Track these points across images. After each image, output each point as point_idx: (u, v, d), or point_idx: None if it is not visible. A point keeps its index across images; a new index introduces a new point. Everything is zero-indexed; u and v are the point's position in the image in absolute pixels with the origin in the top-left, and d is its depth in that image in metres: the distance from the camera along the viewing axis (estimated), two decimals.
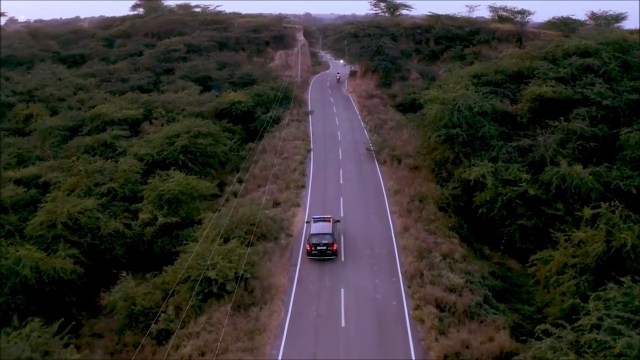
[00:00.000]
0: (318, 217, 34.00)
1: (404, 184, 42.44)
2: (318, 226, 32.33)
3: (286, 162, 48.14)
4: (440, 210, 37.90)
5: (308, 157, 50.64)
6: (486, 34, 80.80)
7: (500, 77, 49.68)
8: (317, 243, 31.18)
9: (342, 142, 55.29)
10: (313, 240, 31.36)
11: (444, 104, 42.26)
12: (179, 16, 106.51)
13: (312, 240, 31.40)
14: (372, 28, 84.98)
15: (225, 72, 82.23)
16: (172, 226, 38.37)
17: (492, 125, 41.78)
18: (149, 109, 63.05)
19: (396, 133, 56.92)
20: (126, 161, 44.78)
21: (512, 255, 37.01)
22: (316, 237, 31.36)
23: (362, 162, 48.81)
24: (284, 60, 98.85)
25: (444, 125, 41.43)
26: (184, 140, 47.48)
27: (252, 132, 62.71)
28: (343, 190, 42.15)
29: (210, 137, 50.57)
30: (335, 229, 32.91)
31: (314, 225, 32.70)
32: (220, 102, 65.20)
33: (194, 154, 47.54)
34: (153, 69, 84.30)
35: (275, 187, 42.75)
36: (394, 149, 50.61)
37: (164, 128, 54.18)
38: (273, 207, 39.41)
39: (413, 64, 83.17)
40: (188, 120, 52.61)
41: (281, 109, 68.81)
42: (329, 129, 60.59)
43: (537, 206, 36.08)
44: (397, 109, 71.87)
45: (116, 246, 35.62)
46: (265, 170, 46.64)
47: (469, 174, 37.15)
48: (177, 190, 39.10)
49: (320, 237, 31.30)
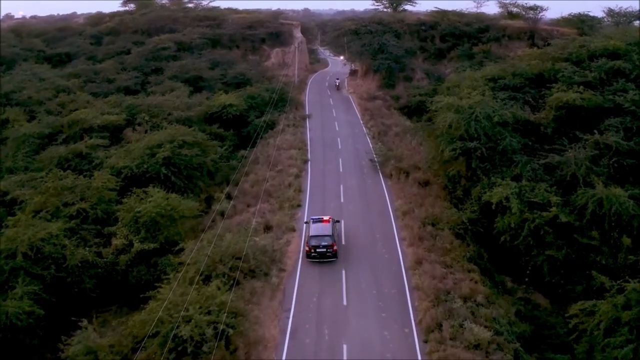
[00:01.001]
0: (317, 218, 32.73)
1: (413, 203, 37.47)
2: (317, 227, 31.32)
3: (280, 176, 43.10)
4: (456, 237, 32.95)
5: (305, 169, 45.60)
6: (496, 32, 75.61)
7: (519, 80, 44.61)
8: (317, 245, 30.22)
9: (342, 151, 50.25)
10: (312, 242, 30.40)
11: (459, 112, 37.24)
12: (170, 12, 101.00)
13: (311, 242, 30.43)
14: (373, 24, 79.82)
15: (217, 72, 77.04)
16: (149, 253, 33.64)
17: (513, 137, 36.76)
18: (133, 114, 57.92)
19: (402, 141, 51.92)
20: (101, 176, 39.81)
21: (538, 289, 32.19)
22: (315, 239, 30.41)
23: (365, 176, 43.78)
24: (280, 59, 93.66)
25: (459, 137, 36.41)
26: (167, 151, 42.44)
27: (245, 137, 57.77)
28: (344, 210, 37.15)
29: (197, 146, 45.53)
30: (334, 229, 31.86)
31: (313, 226, 31.62)
32: (210, 105, 60.21)
33: (177, 166, 42.56)
34: (141, 69, 79.05)
35: (267, 207, 37.78)
36: (401, 160, 45.66)
37: (146, 136, 49.17)
38: (264, 231, 34.46)
39: (418, 63, 78.00)
40: (172, 128, 47.52)
41: (276, 113, 63.76)
42: (328, 136, 55.51)
43: (568, 234, 31.19)
44: (402, 112, 66.89)
45: (85, 278, 31.02)
46: (257, 186, 41.65)
47: (491, 196, 32.16)
48: (154, 213, 34.22)
49: (320, 239, 30.35)
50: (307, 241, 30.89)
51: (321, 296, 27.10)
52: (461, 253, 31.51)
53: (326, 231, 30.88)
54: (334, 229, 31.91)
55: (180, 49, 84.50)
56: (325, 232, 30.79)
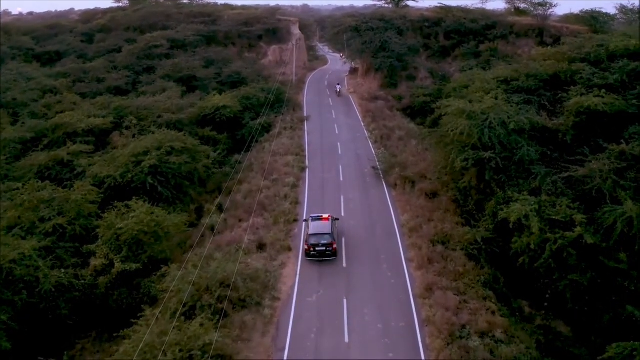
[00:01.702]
0: (316, 216, 32.08)
1: (420, 218, 34.29)
2: (317, 225, 30.72)
3: (275, 187, 39.88)
4: (469, 258, 29.78)
5: (302, 178, 42.35)
6: (503, 29, 72.12)
7: (534, 82, 41.32)
8: (316, 243, 29.69)
9: (342, 158, 46.99)
10: (312, 240, 29.85)
11: (471, 119, 34.01)
12: (164, 8, 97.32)
13: (310, 240, 29.89)
14: (375, 21, 76.30)
15: (212, 71, 73.68)
16: (132, 274, 30.64)
17: (531, 146, 33.55)
18: (121, 116, 54.66)
19: (406, 146, 48.68)
20: (81, 188, 36.74)
21: (559, 315, 29.15)
22: (315, 237, 29.89)
23: (367, 186, 40.55)
24: (277, 56, 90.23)
25: (471, 145, 33.18)
26: (153, 159, 39.30)
27: (240, 141, 54.68)
28: (346, 227, 33.94)
29: (186, 153, 42.37)
30: (334, 227, 31.23)
31: (312, 224, 30.99)
32: (203, 107, 56.97)
33: (165, 175, 39.44)
34: (132, 68, 75.64)
35: (261, 222, 34.59)
36: (405, 167, 42.46)
37: (132, 142, 46.01)
38: (257, 250, 31.33)
39: (421, 61, 74.57)
40: (159, 133, 44.33)
41: (273, 114, 60.53)
42: (328, 140, 52.24)
43: (593, 256, 28.06)
44: (405, 113, 63.66)
45: (61, 303, 28.14)
46: (250, 197, 38.43)
47: (508, 213, 28.98)
48: (137, 230, 31.13)
49: (319, 237, 29.83)
50: (306, 240, 30.22)
51: (320, 332, 23.93)
52: (475, 277, 28.39)
53: (326, 229, 30.19)
54: (334, 227, 31.18)
55: (174, 47, 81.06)
56: (324, 231, 30.10)
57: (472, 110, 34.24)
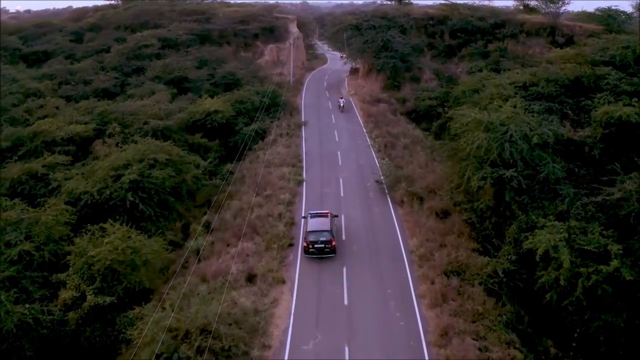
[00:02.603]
0: (315, 212, 31.70)
1: (431, 242, 30.46)
2: (316, 222, 30.33)
3: (269, 204, 36.02)
4: (488, 294, 25.95)
5: (299, 193, 38.49)
6: (513, 27, 68.16)
7: (554, 88, 37.49)
8: (315, 240, 29.32)
9: (343, 169, 43.12)
10: (310, 237, 29.46)
11: (489, 131, 30.17)
12: (156, 6, 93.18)
13: (309, 237, 29.49)
14: (377, 19, 72.31)
15: (205, 72, 69.72)
16: (106, 308, 27.09)
17: (556, 163, 29.72)
18: (105, 122, 50.84)
19: (412, 155, 44.84)
20: (54, 206, 33.12)
21: (589, 358, 25.38)
22: (314, 234, 29.47)
23: (370, 203, 36.70)
24: (274, 56, 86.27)
25: (490, 162, 29.34)
26: (134, 173, 35.51)
27: (232, 148, 50.96)
28: (347, 253, 30.14)
29: (171, 165, 38.60)
30: (333, 224, 30.90)
31: (311, 221, 30.60)
32: (193, 111, 53.11)
33: (147, 191, 35.66)
34: (121, 69, 71.75)
35: (251, 247, 30.76)
36: (412, 180, 38.68)
37: (115, 152, 42.32)
38: (246, 283, 27.54)
39: (425, 62, 70.63)
40: (142, 143, 40.54)
41: (268, 119, 56.68)
42: (327, 148, 48.34)
43: (631, 293, 24.30)
44: (409, 117, 59.78)
45: (25, 344, 24.89)
46: (240, 217, 34.59)
47: (534, 243, 25.19)
48: (111, 258, 27.49)
49: (318, 234, 29.41)
50: (305, 237, 29.85)
51: None
52: (496, 317, 24.58)
53: (325, 226, 29.82)
54: (333, 223, 30.83)
55: (165, 47, 77.09)
56: (323, 228, 29.69)
57: (490, 121, 30.35)
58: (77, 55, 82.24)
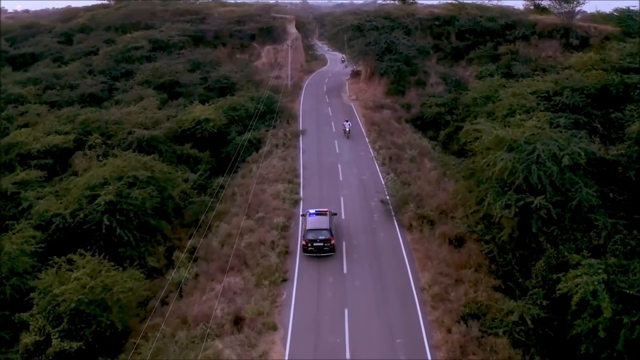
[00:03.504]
0: (314, 211, 31.27)
1: (445, 277, 26.48)
2: (314, 221, 29.89)
3: (261, 228, 32.04)
4: (514, 344, 22.00)
5: (295, 215, 34.49)
6: (524, 28, 64.17)
7: (580, 98, 33.57)
8: (314, 239, 28.76)
9: (344, 186, 39.16)
10: (309, 236, 28.90)
11: (513, 149, 26.25)
12: (148, 6, 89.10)
13: (308, 236, 28.93)
14: (379, 19, 68.25)
15: (197, 75, 65.78)
16: (72, 355, 23.56)
17: (589, 187, 25.79)
18: (88, 132, 47.03)
19: (420, 169, 40.95)
20: (21, 232, 29.55)
21: None
22: (312, 233, 28.95)
23: (375, 227, 32.72)
24: (272, 58, 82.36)
25: (515, 187, 25.41)
26: (111, 193, 31.72)
27: (225, 159, 47.23)
28: (348, 290, 26.20)
29: (154, 183, 34.80)
30: (332, 223, 30.37)
31: (310, 219, 30.15)
32: (182, 120, 49.25)
33: (126, 213, 31.86)
34: (109, 72, 67.87)
35: (239, 283, 26.82)
36: (421, 198, 34.84)
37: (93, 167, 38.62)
38: (232, 329, 23.64)
39: (431, 65, 66.66)
40: (123, 158, 36.76)
41: (263, 127, 52.79)
42: (327, 161, 44.37)
43: None
44: (414, 124, 55.86)
45: None
46: (229, 244, 30.66)
47: (570, 288, 21.31)
48: (77, 298, 23.86)
49: (317, 233, 28.92)
50: (304, 235, 29.26)
51: None
52: None
53: (324, 225, 29.34)
54: (332, 222, 30.30)
55: (156, 48, 73.10)
56: (322, 226, 29.19)
57: (514, 138, 26.42)
58: (66, 57, 78.57)
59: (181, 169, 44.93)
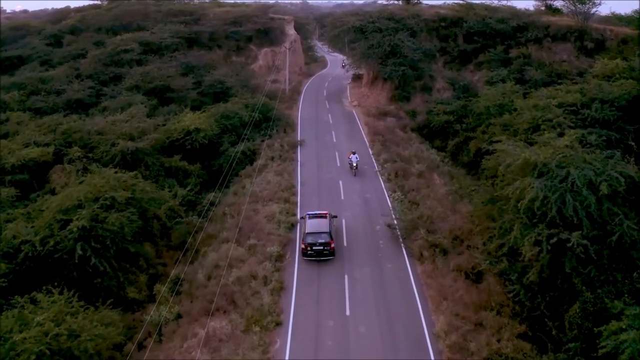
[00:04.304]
0: (313, 213, 30.64)
1: (463, 321, 22.93)
2: (314, 224, 29.22)
3: (253, 258, 28.46)
4: None
5: (291, 241, 30.83)
6: (537, 31, 60.53)
7: (610, 111, 29.99)
8: (313, 242, 28.19)
9: (346, 206, 35.55)
10: (308, 239, 28.32)
11: (543, 175, 22.68)
12: (140, 6, 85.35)
13: (307, 239, 28.35)
14: (383, 20, 64.58)
15: (190, 79, 62.21)
16: None
17: (630, 219, 22.19)
18: (69, 142, 43.65)
19: (429, 186, 37.42)
20: None
21: None
22: (312, 236, 28.39)
23: (381, 257, 29.11)
24: (269, 60, 78.81)
25: (547, 220, 21.81)
26: (84, 218, 28.27)
27: (216, 172, 44.11)
28: (352, 337, 22.63)
29: (135, 205, 31.36)
30: (332, 226, 29.73)
31: (309, 222, 29.49)
32: (170, 130, 45.80)
33: (102, 240, 28.38)
34: (97, 76, 64.30)
35: (226, 327, 23.23)
36: (432, 221, 31.37)
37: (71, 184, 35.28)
38: None
39: (437, 68, 63.05)
40: (100, 175, 33.24)
41: (259, 137, 49.28)
42: (327, 177, 40.78)
43: None
44: (420, 133, 52.35)
45: None
46: (216, 277, 27.14)
47: (611, 346, 17.79)
48: (40, 347, 20.54)
49: (317, 236, 28.36)
50: (303, 238, 28.60)
51: None
52: None
53: (323, 228, 28.71)
54: (332, 225, 29.68)
55: (147, 51, 69.48)
56: (322, 229, 28.57)
57: (544, 161, 22.83)
58: (54, 60, 74.98)
59: (169, 183, 41.93)
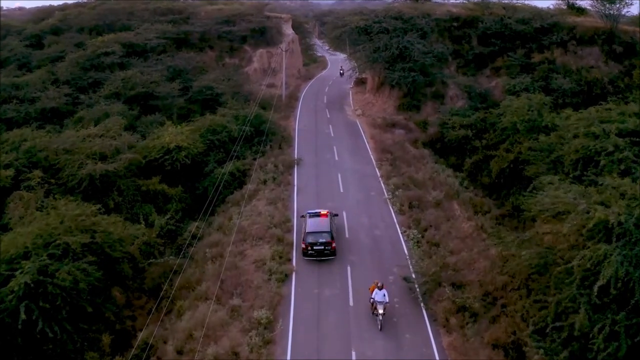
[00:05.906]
0: (313, 212, 29.66)
1: None
2: (314, 223, 28.50)
3: (234, 325, 22.44)
4: None
5: (284, 299, 24.87)
6: (562, 33, 54.46)
7: None
8: (314, 242, 27.55)
9: (351, 247, 29.42)
10: (309, 239, 27.69)
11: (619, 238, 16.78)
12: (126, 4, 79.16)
13: (307, 239, 27.71)
14: (390, 20, 58.46)
15: (177, 85, 56.27)
16: None
17: None
18: (35, 163, 37.74)
19: (449, 220, 31.47)
20: None
21: None
22: (312, 236, 27.76)
23: (397, 323, 23.06)
24: (265, 62, 72.80)
25: (629, 306, 15.94)
26: (29, 272, 22.63)
27: (201, 196, 38.38)
28: None
29: (96, 250, 25.71)
30: (333, 225, 28.92)
31: (310, 221, 28.77)
32: (147, 148, 39.97)
33: (52, 299, 22.80)
34: (75, 82, 58.35)
35: None
36: (456, 269, 25.50)
37: (28, 217, 29.87)
38: None
39: (450, 73, 57.03)
40: (54, 212, 27.43)
41: (250, 154, 43.38)
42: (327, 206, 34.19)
43: None
44: (433, 147, 46.47)
45: None
46: (188, 352, 21.24)
47: None
48: None
49: (317, 236, 27.72)
50: (303, 238, 27.89)
51: None
52: None
53: (324, 227, 28.03)
54: (333, 224, 28.96)
55: (131, 54, 63.44)
56: (323, 229, 27.91)
57: (620, 220, 16.87)
58: (33, 63, 68.88)
59: (146, 210, 36.21)
